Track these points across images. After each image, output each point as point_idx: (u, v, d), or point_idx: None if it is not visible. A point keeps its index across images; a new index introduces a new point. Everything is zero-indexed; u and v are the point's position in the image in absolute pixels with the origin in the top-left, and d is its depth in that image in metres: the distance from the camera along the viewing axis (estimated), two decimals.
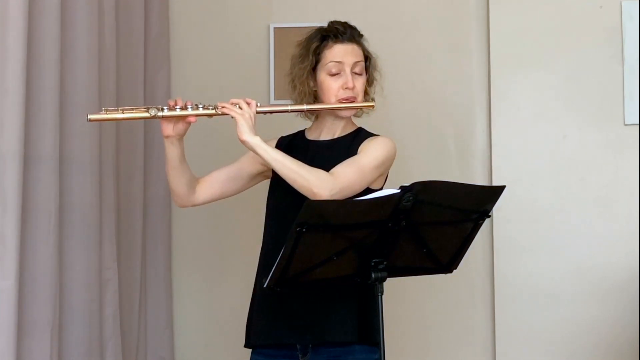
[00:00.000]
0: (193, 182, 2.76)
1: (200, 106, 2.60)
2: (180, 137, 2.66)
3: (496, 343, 3.79)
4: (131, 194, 3.59)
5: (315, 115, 2.77)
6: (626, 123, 3.74)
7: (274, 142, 2.77)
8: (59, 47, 2.89)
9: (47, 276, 2.82)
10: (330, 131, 2.76)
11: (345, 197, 2.53)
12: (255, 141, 2.56)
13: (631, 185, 3.72)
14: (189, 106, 2.60)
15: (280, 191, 2.68)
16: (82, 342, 3.06)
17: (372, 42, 3.13)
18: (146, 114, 2.58)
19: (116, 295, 3.30)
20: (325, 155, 2.71)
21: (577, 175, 3.77)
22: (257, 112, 2.62)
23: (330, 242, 2.36)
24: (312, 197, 2.50)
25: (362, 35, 2.76)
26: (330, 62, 2.68)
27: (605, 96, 3.75)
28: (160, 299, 3.84)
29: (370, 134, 2.75)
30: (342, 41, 2.69)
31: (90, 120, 2.61)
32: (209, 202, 2.81)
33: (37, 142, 2.81)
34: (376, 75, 2.77)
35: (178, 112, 2.58)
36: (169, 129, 2.62)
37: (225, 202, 2.94)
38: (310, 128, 2.82)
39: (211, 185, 2.79)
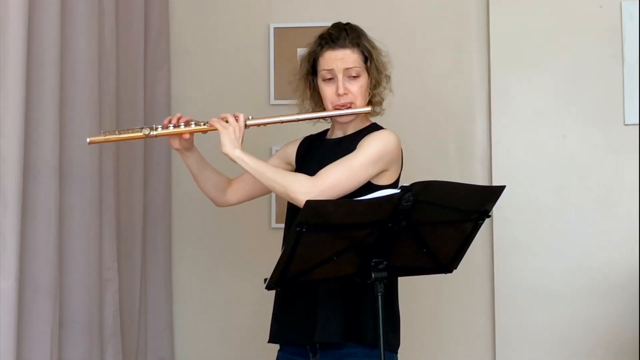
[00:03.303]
0: (221, 184, 2.86)
1: (193, 123, 2.67)
2: (189, 148, 2.75)
3: (496, 343, 3.79)
4: (131, 194, 3.59)
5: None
6: (626, 123, 3.74)
7: (298, 142, 2.85)
8: (59, 47, 2.89)
9: (47, 276, 2.82)
10: (341, 129, 2.78)
11: (334, 197, 2.53)
12: (235, 154, 2.59)
13: (631, 186, 3.72)
14: (182, 124, 2.67)
15: None
16: (82, 342, 3.06)
17: None
18: (140, 134, 2.67)
19: (116, 295, 3.30)
20: (333, 152, 2.71)
21: (577, 175, 3.77)
22: (249, 125, 2.66)
23: (330, 242, 2.35)
24: (292, 202, 2.57)
25: (360, 37, 2.72)
26: (323, 69, 2.70)
27: (605, 96, 3.75)
28: (160, 299, 3.84)
29: (379, 129, 2.74)
30: (333, 48, 2.69)
31: (90, 142, 2.68)
32: (242, 201, 2.91)
33: (37, 142, 2.80)
34: (381, 77, 2.74)
35: (170, 130, 2.67)
36: (175, 143, 2.73)
37: None
38: (330, 127, 2.85)
39: (241, 186, 2.88)
